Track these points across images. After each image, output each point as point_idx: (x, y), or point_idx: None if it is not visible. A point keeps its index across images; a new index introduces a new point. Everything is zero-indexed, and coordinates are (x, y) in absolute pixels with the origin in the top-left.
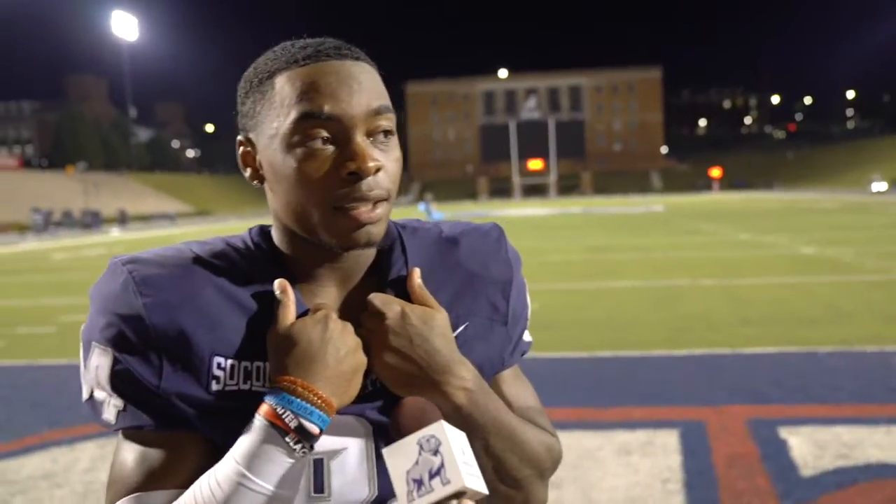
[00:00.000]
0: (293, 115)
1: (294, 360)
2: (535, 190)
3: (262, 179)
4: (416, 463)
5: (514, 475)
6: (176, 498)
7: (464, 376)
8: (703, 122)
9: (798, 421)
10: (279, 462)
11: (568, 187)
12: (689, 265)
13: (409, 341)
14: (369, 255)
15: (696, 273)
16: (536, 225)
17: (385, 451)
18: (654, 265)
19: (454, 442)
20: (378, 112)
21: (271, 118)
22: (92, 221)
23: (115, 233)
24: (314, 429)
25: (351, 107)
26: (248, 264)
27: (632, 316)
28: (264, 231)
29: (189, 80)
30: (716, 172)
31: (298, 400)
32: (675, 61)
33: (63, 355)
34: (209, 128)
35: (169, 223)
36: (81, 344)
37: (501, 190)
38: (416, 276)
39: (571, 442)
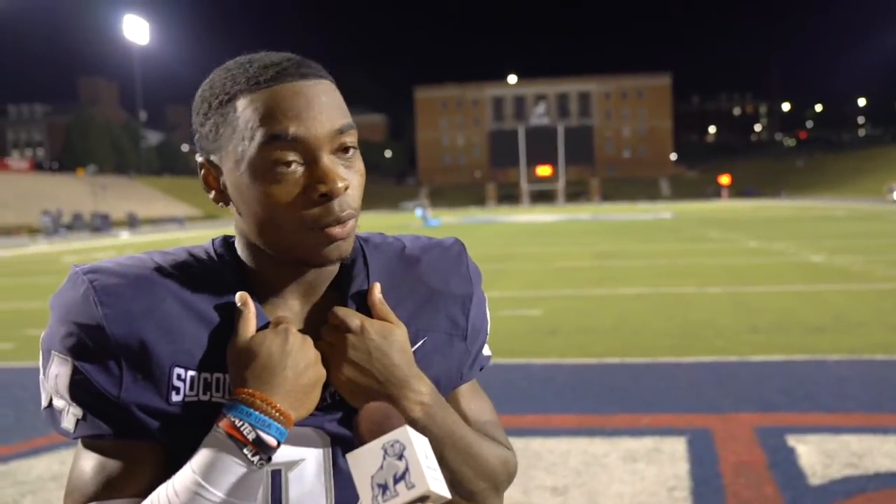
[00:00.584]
0: (258, 138)
1: (253, 372)
2: (543, 196)
3: (227, 201)
4: (381, 468)
5: (469, 488)
6: None
7: (421, 390)
8: (712, 129)
9: (806, 429)
10: (236, 473)
11: (576, 194)
12: (697, 272)
13: (367, 355)
14: (332, 269)
15: (705, 280)
16: (544, 231)
17: (349, 457)
18: (662, 272)
19: (418, 446)
20: (342, 131)
21: (235, 142)
22: (101, 224)
23: (124, 236)
24: (272, 441)
25: (316, 128)
26: (210, 275)
27: (639, 323)
28: (228, 242)
29: (199, 84)
30: (725, 180)
31: (256, 412)
32: (684, 68)
33: None
34: None
35: (178, 227)
36: (41, 352)
37: (510, 196)
38: (377, 290)
39: (578, 448)
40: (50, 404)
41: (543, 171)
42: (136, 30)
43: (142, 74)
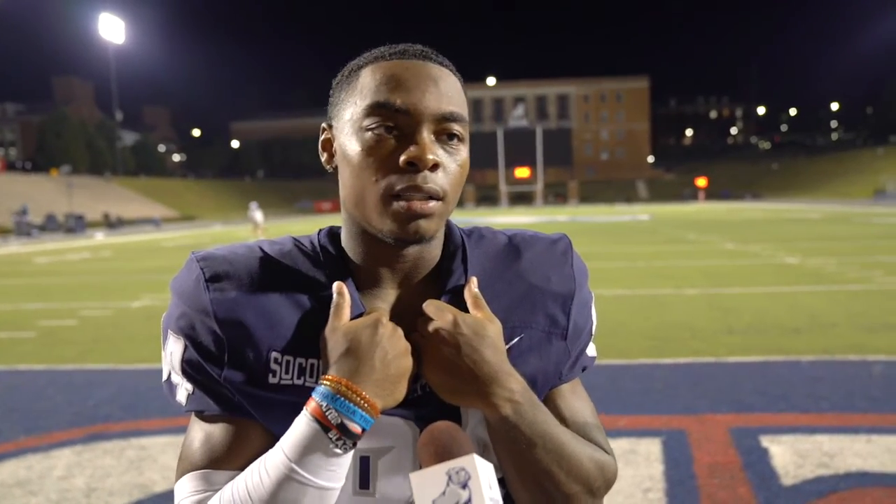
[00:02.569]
0: (367, 101)
1: (342, 360)
2: (521, 198)
3: (335, 167)
4: (444, 493)
5: (562, 490)
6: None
7: (512, 388)
8: (689, 132)
9: (780, 430)
10: (322, 456)
11: (554, 195)
12: (673, 274)
13: (457, 349)
14: (430, 258)
15: (681, 282)
16: None
17: (412, 476)
18: (639, 274)
19: (483, 477)
20: (448, 117)
21: (350, 104)
22: (76, 225)
23: (99, 236)
24: (356, 428)
25: (422, 103)
26: (312, 265)
27: (616, 324)
28: (332, 233)
29: (176, 85)
30: (701, 182)
31: (342, 399)
32: (662, 71)
33: (41, 361)
34: (195, 132)
35: (154, 228)
36: (162, 329)
37: (488, 198)
38: (473, 285)
39: None
40: (168, 378)
41: (522, 172)
42: (112, 29)
43: (117, 74)
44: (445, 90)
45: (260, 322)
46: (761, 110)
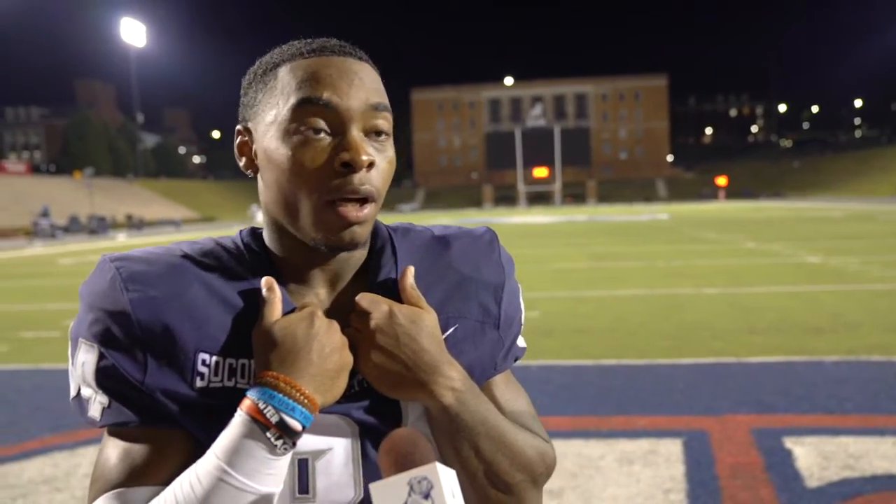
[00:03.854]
0: (292, 101)
1: (278, 356)
2: (539, 198)
3: (256, 169)
4: None
5: (505, 479)
6: (157, 494)
7: (452, 376)
8: (709, 131)
9: (804, 431)
10: (260, 458)
11: (572, 195)
12: (693, 274)
13: (395, 340)
14: (359, 256)
15: (701, 281)
16: (541, 233)
17: (372, 487)
18: (659, 273)
19: (446, 486)
20: (376, 108)
21: (271, 106)
22: (98, 226)
23: (121, 238)
24: (296, 425)
25: (350, 98)
26: (236, 263)
27: (636, 324)
28: (255, 233)
29: (196, 87)
30: (722, 181)
31: (280, 395)
32: (681, 69)
33: (66, 360)
34: (215, 134)
35: (174, 229)
36: (70, 341)
37: (506, 198)
38: (409, 275)
39: (573, 450)
40: (78, 394)
41: (540, 172)
42: (133, 33)
43: (139, 77)
44: (369, 83)
45: (185, 323)
46: (782, 108)
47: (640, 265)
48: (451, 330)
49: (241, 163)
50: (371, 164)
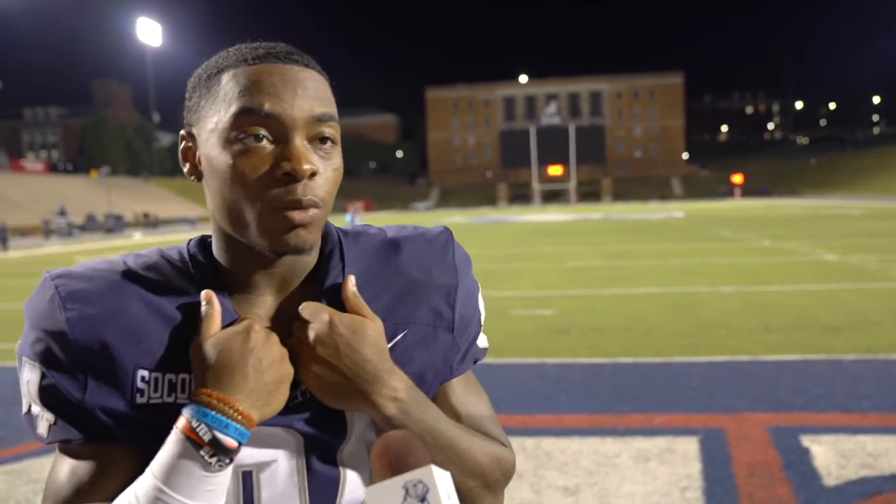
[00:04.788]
0: (233, 109)
1: (213, 372)
2: (554, 196)
3: (200, 176)
4: None
5: (455, 486)
6: None
7: (395, 386)
8: (724, 128)
9: (821, 429)
10: (196, 476)
11: (587, 193)
12: (710, 272)
13: (336, 350)
14: (307, 262)
15: (717, 280)
16: (556, 231)
17: (367, 491)
18: (675, 272)
19: (442, 489)
20: (320, 119)
21: (213, 112)
22: (115, 225)
23: (137, 236)
24: (230, 442)
25: (292, 108)
26: (180, 276)
27: (652, 322)
28: (203, 242)
29: None
30: (738, 179)
31: (213, 412)
32: (696, 66)
33: None
34: None
35: (190, 227)
36: (17, 358)
37: (521, 196)
38: (351, 283)
39: (589, 448)
40: (29, 410)
41: (555, 170)
42: (149, 32)
43: (154, 77)
44: (314, 92)
45: (123, 340)
46: (799, 105)
47: (656, 263)
48: (399, 336)
49: (185, 168)
50: (314, 174)
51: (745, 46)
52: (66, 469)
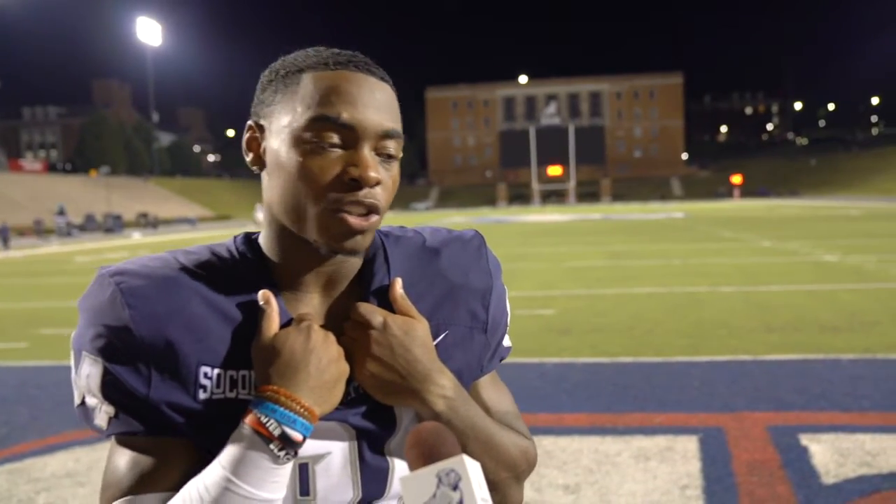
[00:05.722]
0: (310, 113)
1: (277, 369)
2: (554, 196)
3: (262, 166)
4: (434, 496)
5: (490, 478)
6: (165, 501)
7: (443, 384)
8: (724, 129)
9: (820, 428)
10: (264, 468)
11: (587, 194)
12: (710, 272)
13: (390, 350)
14: (354, 262)
15: (718, 280)
16: (556, 231)
17: (402, 480)
18: (675, 272)
19: (474, 477)
20: (388, 135)
21: (288, 110)
22: (114, 225)
23: (136, 236)
24: (297, 436)
25: (366, 119)
26: (233, 273)
27: (652, 322)
28: (249, 239)
29: (211, 86)
30: (737, 179)
31: (282, 409)
32: (696, 67)
33: None
34: (230, 133)
35: (190, 227)
36: (72, 351)
37: (521, 196)
38: (398, 286)
39: (590, 447)
40: (83, 402)
41: (554, 170)
42: (149, 32)
43: (154, 76)
44: (387, 107)
45: (186, 336)
46: (798, 106)
47: (656, 263)
48: (441, 336)
49: (248, 158)
50: (378, 183)
51: (745, 47)
52: (127, 460)
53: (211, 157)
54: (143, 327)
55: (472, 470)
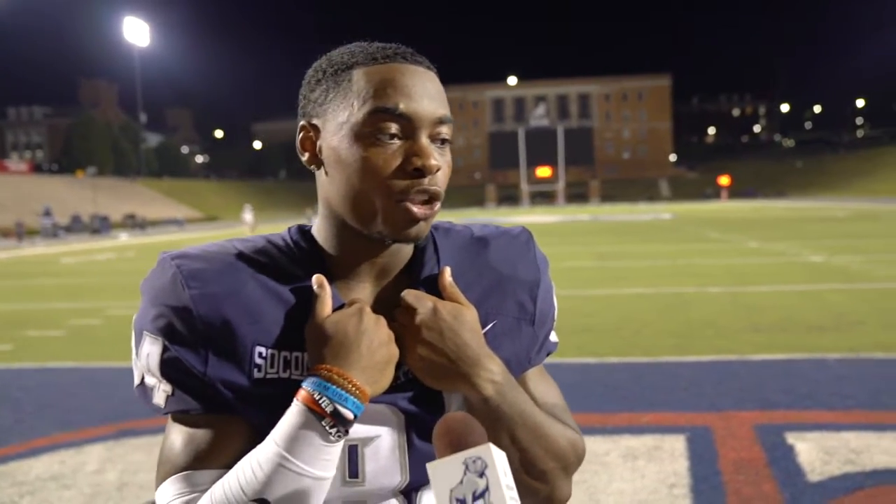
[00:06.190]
0: (368, 107)
1: (330, 350)
2: (542, 197)
3: (319, 164)
4: (461, 482)
5: (539, 467)
6: (220, 477)
7: (492, 369)
8: (712, 130)
9: (806, 427)
10: (316, 445)
11: (576, 195)
12: (697, 272)
13: (440, 335)
14: (406, 253)
15: (705, 280)
16: (545, 232)
17: (429, 466)
18: (663, 272)
19: (500, 466)
20: (442, 121)
21: (343, 107)
22: (101, 226)
23: (123, 237)
24: (349, 414)
25: (422, 108)
26: (288, 260)
27: (641, 322)
28: (303, 230)
29: (199, 87)
30: (724, 180)
31: (334, 387)
32: (684, 69)
33: (71, 358)
34: (218, 134)
35: (178, 228)
36: (133, 333)
37: (510, 197)
38: (447, 274)
39: None
40: (142, 382)
41: (543, 172)
42: (137, 32)
43: (142, 77)
44: (437, 94)
45: (242, 317)
46: (785, 107)
47: (645, 264)
48: (489, 326)
49: (304, 157)
50: (438, 169)
51: (733, 49)
52: (183, 437)
53: (199, 158)
54: (201, 307)
55: (499, 458)
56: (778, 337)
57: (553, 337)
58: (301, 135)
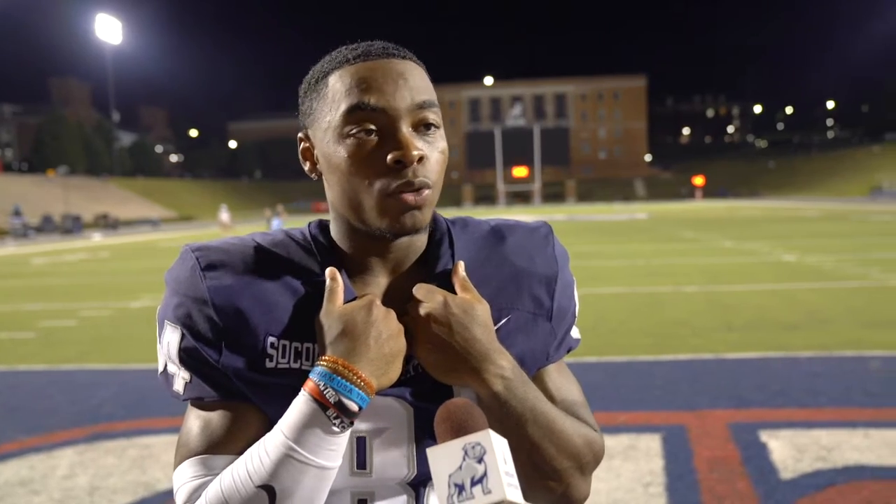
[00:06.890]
0: (343, 107)
1: (338, 340)
2: (519, 197)
3: (319, 174)
4: (460, 468)
5: (552, 465)
6: (234, 462)
7: (502, 364)
8: (686, 131)
9: (778, 425)
10: (321, 435)
11: (552, 195)
12: (672, 272)
13: (449, 329)
14: (419, 246)
15: (680, 280)
16: None
17: (429, 452)
18: (639, 272)
19: (498, 452)
20: (422, 106)
21: (325, 113)
22: (73, 226)
23: (96, 237)
24: (353, 406)
25: (396, 100)
26: (304, 254)
27: (616, 322)
28: (322, 225)
29: (173, 85)
30: (699, 181)
31: (339, 378)
32: (659, 70)
33: (42, 361)
34: (193, 133)
35: (152, 228)
36: (157, 322)
37: (486, 197)
38: (461, 268)
39: None
40: (165, 370)
41: (520, 172)
42: (109, 29)
43: (114, 75)
44: (414, 82)
45: (256, 308)
46: (758, 109)
47: (621, 264)
48: (503, 321)
49: (306, 167)
50: (421, 158)
51: (707, 51)
52: (199, 423)
53: (174, 158)
54: (217, 298)
55: (498, 444)
56: (751, 336)
57: (575, 333)
58: (301, 146)
